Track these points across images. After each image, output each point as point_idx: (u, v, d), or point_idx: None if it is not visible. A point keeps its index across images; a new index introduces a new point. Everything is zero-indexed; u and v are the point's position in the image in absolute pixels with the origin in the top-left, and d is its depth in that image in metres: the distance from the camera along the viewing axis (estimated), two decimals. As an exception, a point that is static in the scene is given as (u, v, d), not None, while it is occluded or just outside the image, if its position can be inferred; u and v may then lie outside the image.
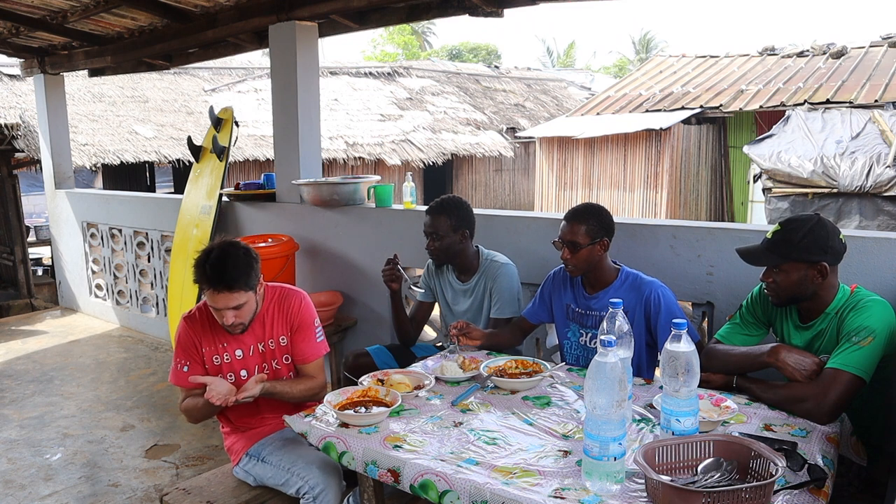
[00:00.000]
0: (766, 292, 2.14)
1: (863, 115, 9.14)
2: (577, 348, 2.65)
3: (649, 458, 1.54)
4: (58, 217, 6.90)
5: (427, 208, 2.97)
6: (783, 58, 12.87)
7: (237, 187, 4.96)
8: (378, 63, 18.31)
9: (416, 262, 3.77)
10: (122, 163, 9.58)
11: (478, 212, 3.17)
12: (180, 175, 11.14)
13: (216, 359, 2.39)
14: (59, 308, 7.14)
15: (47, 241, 8.33)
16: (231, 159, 8.10)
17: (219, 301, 2.23)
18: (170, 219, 5.41)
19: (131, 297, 6.19)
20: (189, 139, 5.29)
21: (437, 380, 2.30)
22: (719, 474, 1.51)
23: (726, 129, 12.17)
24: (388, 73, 15.88)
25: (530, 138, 14.24)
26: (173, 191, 12.41)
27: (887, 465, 2.11)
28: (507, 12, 3.83)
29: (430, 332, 3.99)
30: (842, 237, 2.05)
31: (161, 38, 5.34)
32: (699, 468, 1.55)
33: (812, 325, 2.11)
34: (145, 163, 10.36)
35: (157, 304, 5.91)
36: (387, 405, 2.05)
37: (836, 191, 8.53)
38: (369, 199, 4.27)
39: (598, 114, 12.93)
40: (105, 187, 11.00)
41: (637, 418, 1.96)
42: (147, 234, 5.87)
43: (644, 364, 2.52)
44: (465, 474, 1.65)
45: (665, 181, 11.41)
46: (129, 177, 10.93)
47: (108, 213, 6.21)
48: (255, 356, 2.42)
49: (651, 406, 2.02)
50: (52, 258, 7.58)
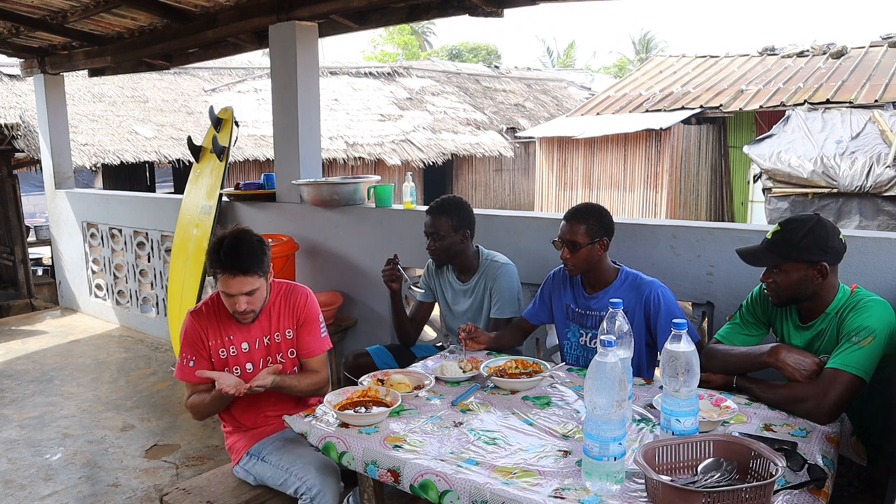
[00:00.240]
0: (766, 292, 2.14)
1: (863, 115, 9.14)
2: (577, 348, 2.65)
3: (649, 458, 1.54)
4: (58, 217, 6.90)
5: (428, 208, 2.97)
6: (783, 58, 12.87)
7: (237, 187, 4.96)
8: (378, 63, 18.31)
9: (416, 262, 3.77)
10: (122, 163, 9.58)
11: (478, 212, 3.17)
12: (180, 175, 11.14)
13: (222, 352, 2.40)
14: (59, 308, 7.14)
15: (47, 241, 8.33)
16: (231, 159, 8.10)
17: (233, 286, 2.24)
18: (170, 219, 5.41)
19: (131, 297, 6.19)
20: (189, 139, 5.29)
21: (437, 380, 2.31)
22: (719, 474, 1.51)
23: (726, 129, 12.17)
24: (388, 73, 15.88)
25: (530, 138, 14.24)
26: (173, 191, 12.41)
27: (887, 465, 2.11)
28: (507, 12, 3.83)
29: (430, 332, 3.99)
30: (842, 237, 2.05)
31: (161, 38, 5.34)
32: (699, 468, 1.55)
33: (812, 325, 2.11)
34: (145, 163, 10.36)
35: (157, 304, 5.91)
36: (387, 405, 2.05)
37: (836, 191, 8.53)
38: (369, 199, 4.27)
39: (598, 114, 12.93)
40: (105, 187, 11.00)
41: (637, 418, 1.96)
42: (147, 234, 5.87)
43: (644, 364, 2.52)
44: (465, 474, 1.65)
45: (665, 181, 11.41)
46: (129, 177, 10.93)
47: (108, 213, 6.22)
48: (260, 349, 2.45)
49: (651, 406, 2.02)
50: (52, 258, 7.58)
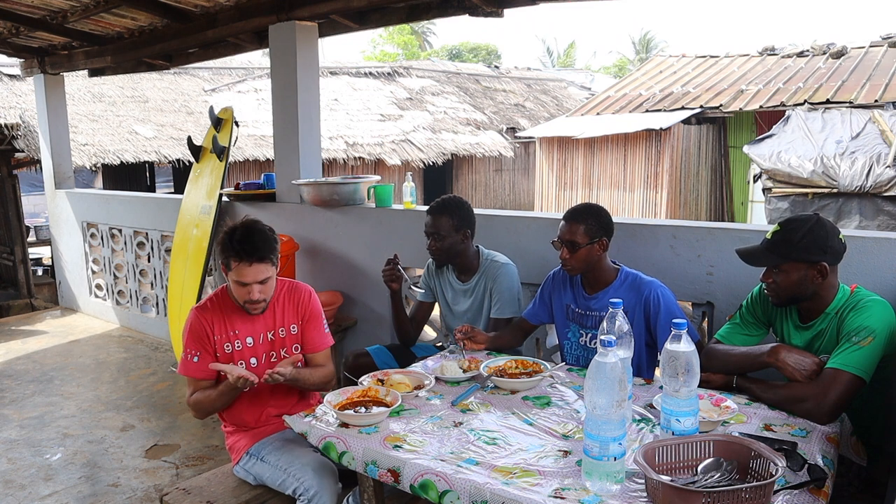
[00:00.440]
0: (766, 293, 2.14)
1: (863, 115, 9.13)
2: (577, 348, 2.65)
3: (649, 458, 1.54)
4: (58, 217, 6.90)
5: (428, 208, 2.97)
6: (783, 58, 12.87)
7: (237, 187, 4.96)
8: (378, 63, 18.30)
9: (416, 262, 3.77)
10: (122, 163, 9.58)
11: (478, 212, 3.17)
12: (180, 175, 11.13)
13: (227, 346, 2.41)
14: (59, 308, 7.14)
15: (47, 241, 8.33)
16: (231, 159, 8.10)
17: (248, 275, 2.27)
18: (170, 219, 5.41)
19: (131, 297, 6.19)
20: (189, 139, 5.29)
21: (437, 380, 2.31)
22: (719, 474, 1.51)
23: (726, 129, 12.16)
24: (388, 73, 15.88)
25: (530, 138, 14.24)
26: (173, 191, 12.41)
27: (887, 465, 2.11)
28: (507, 12, 3.83)
29: (430, 332, 3.99)
30: (841, 237, 2.05)
31: (161, 38, 5.34)
32: (699, 468, 1.55)
33: (812, 325, 2.11)
34: (145, 163, 10.36)
35: (157, 304, 5.91)
36: (387, 405, 2.05)
37: (836, 191, 8.53)
38: (369, 199, 4.27)
39: (598, 114, 12.92)
40: (105, 187, 10.99)
41: (637, 418, 1.96)
42: (147, 234, 5.87)
43: (644, 364, 2.52)
44: (465, 474, 1.65)
45: (665, 181, 11.41)
46: (129, 177, 10.93)
47: (108, 213, 6.21)
48: (264, 344, 2.46)
49: (651, 406, 2.02)
50: (52, 258, 7.58)
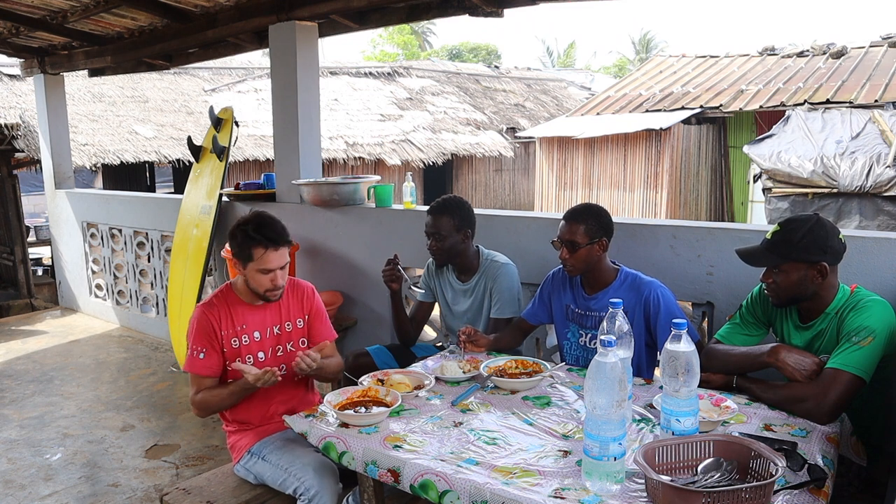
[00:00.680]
0: (766, 293, 2.14)
1: (863, 115, 9.13)
2: (576, 349, 2.65)
3: (649, 458, 1.54)
4: (58, 217, 6.90)
5: (429, 208, 2.97)
6: (783, 58, 12.87)
7: (237, 187, 4.96)
8: (378, 63, 18.30)
9: (416, 262, 3.77)
10: (122, 163, 9.58)
11: (478, 212, 3.17)
12: (180, 175, 11.13)
13: (234, 341, 2.41)
14: (59, 308, 7.14)
15: (47, 241, 8.33)
16: (231, 159, 8.10)
17: (273, 260, 2.31)
18: (170, 219, 5.41)
19: (131, 297, 6.19)
20: (189, 139, 5.29)
21: (437, 380, 2.31)
22: (719, 474, 1.51)
23: (726, 129, 12.16)
24: (388, 73, 15.87)
25: (530, 138, 14.24)
26: (173, 191, 12.40)
27: (887, 465, 2.11)
28: (507, 12, 3.83)
29: (430, 332, 3.99)
30: (841, 237, 2.05)
31: (161, 38, 5.34)
32: (699, 468, 1.55)
33: (812, 325, 2.11)
34: (145, 163, 10.35)
35: (157, 304, 5.91)
36: (387, 405, 2.05)
37: (836, 191, 8.53)
38: (369, 199, 4.27)
39: (598, 114, 12.92)
40: (105, 187, 10.99)
41: (637, 418, 1.96)
42: (147, 234, 5.87)
43: (644, 364, 2.52)
44: (465, 474, 1.65)
45: (665, 181, 11.41)
46: (129, 177, 10.93)
47: (108, 213, 6.21)
48: (271, 338, 2.48)
49: (651, 406, 2.02)
50: (52, 258, 7.58)
